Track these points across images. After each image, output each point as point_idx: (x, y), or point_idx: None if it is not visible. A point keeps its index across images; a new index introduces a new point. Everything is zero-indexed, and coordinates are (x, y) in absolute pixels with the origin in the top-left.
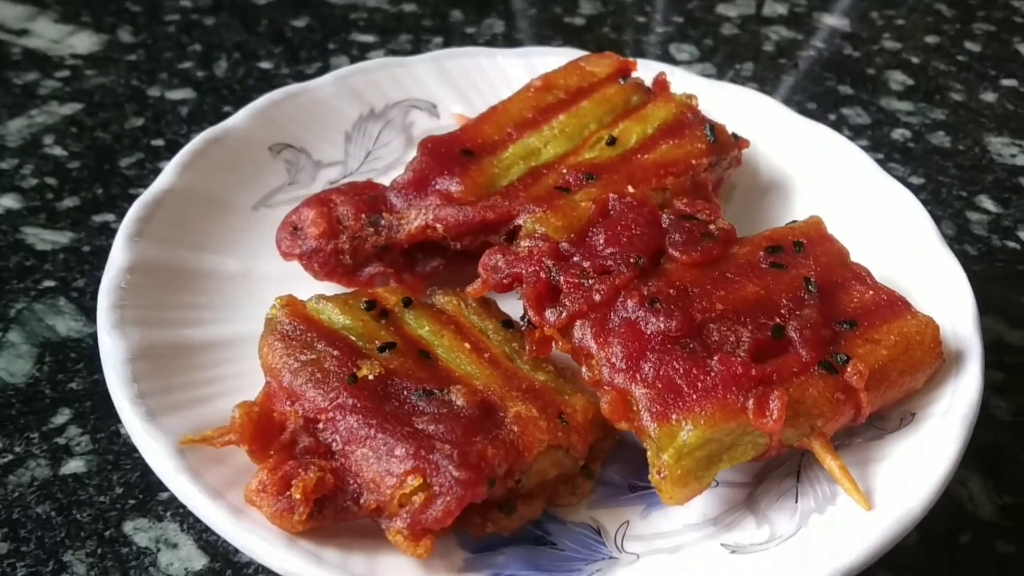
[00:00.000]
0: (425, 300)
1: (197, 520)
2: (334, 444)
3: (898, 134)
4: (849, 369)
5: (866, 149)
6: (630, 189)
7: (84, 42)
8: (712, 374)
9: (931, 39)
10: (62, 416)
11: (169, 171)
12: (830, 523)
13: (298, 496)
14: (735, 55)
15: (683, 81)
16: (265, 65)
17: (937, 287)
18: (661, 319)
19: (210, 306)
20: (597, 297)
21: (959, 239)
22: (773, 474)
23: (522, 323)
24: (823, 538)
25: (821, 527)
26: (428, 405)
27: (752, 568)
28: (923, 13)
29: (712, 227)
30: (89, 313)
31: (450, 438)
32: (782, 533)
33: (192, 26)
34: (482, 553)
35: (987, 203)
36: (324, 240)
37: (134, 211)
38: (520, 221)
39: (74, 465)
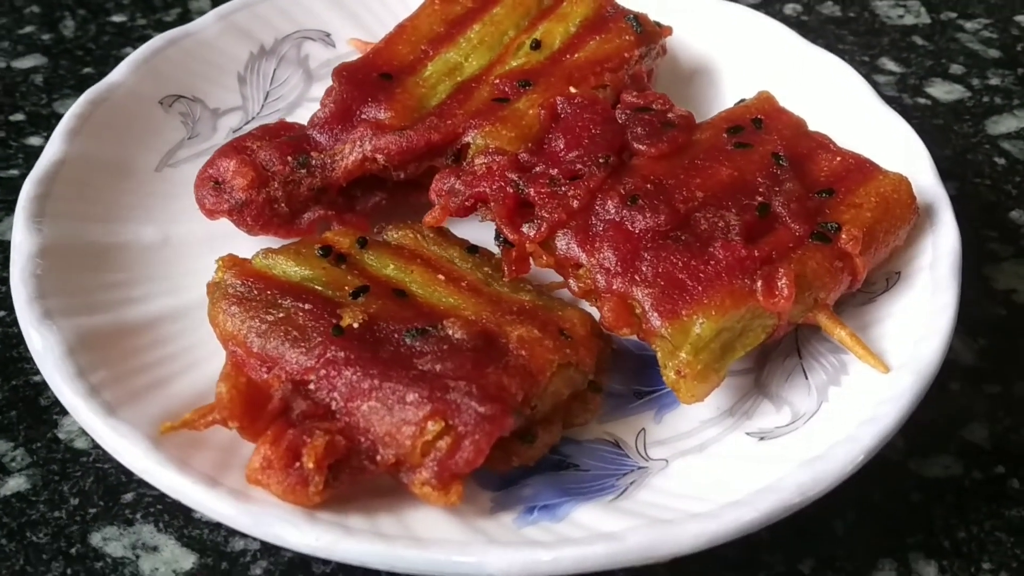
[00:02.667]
0: (377, 239)
1: (174, 517)
2: (333, 403)
3: (790, 9)
4: (844, 235)
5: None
6: (572, 90)
7: None
8: (714, 262)
9: None
10: None
11: (56, 140)
12: (851, 392)
13: (311, 465)
14: None
15: None
16: (117, 18)
17: (889, 145)
18: (648, 215)
19: (137, 281)
20: (575, 203)
21: None
22: (773, 354)
23: (498, 243)
24: (851, 408)
25: (844, 399)
26: (425, 344)
27: (786, 450)
28: None
29: (671, 115)
30: None
31: (462, 374)
32: (805, 411)
33: None
34: (506, 489)
35: (890, 64)
36: (253, 190)
37: (28, 189)
38: (468, 139)
39: (15, 483)
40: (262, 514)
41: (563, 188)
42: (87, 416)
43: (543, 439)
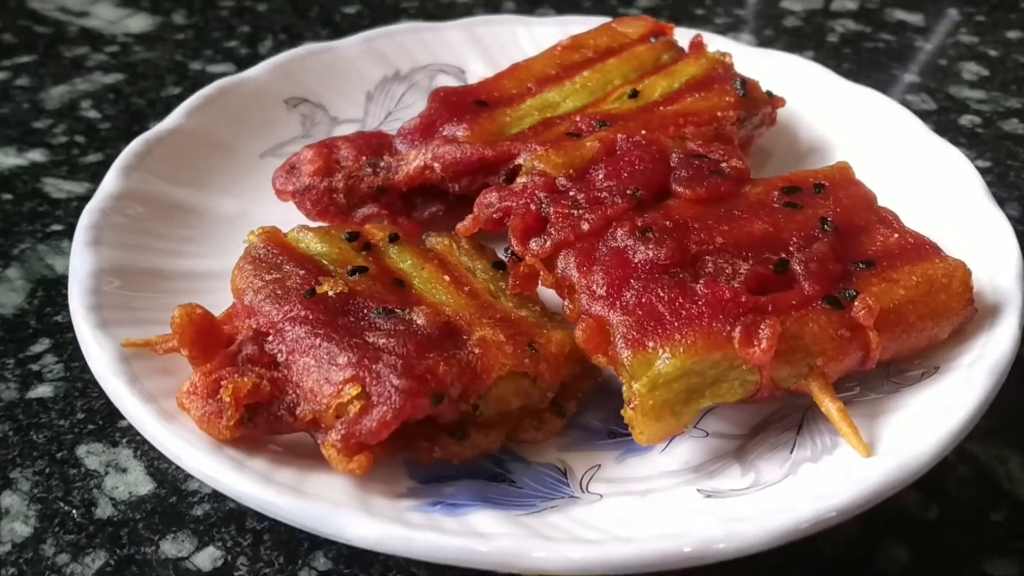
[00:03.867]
0: (418, 241)
1: (151, 447)
2: (279, 356)
3: (966, 120)
4: (857, 304)
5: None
6: (643, 133)
7: (139, 23)
8: (698, 301)
9: (1013, 34)
10: (41, 345)
11: (177, 113)
12: (823, 471)
13: (227, 399)
14: (796, 45)
15: (723, 46)
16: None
17: (980, 239)
18: (651, 247)
19: (197, 240)
20: (585, 226)
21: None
22: (772, 427)
23: (507, 256)
24: (811, 484)
25: (812, 475)
26: (386, 322)
27: (725, 509)
28: (1006, 11)
29: (724, 165)
30: None
31: (400, 351)
32: (767, 480)
33: (244, 11)
34: (430, 483)
35: None
36: (318, 177)
37: (134, 145)
38: (520, 160)
39: (42, 390)
40: (173, 433)
41: (580, 212)
42: (79, 322)
43: (476, 440)
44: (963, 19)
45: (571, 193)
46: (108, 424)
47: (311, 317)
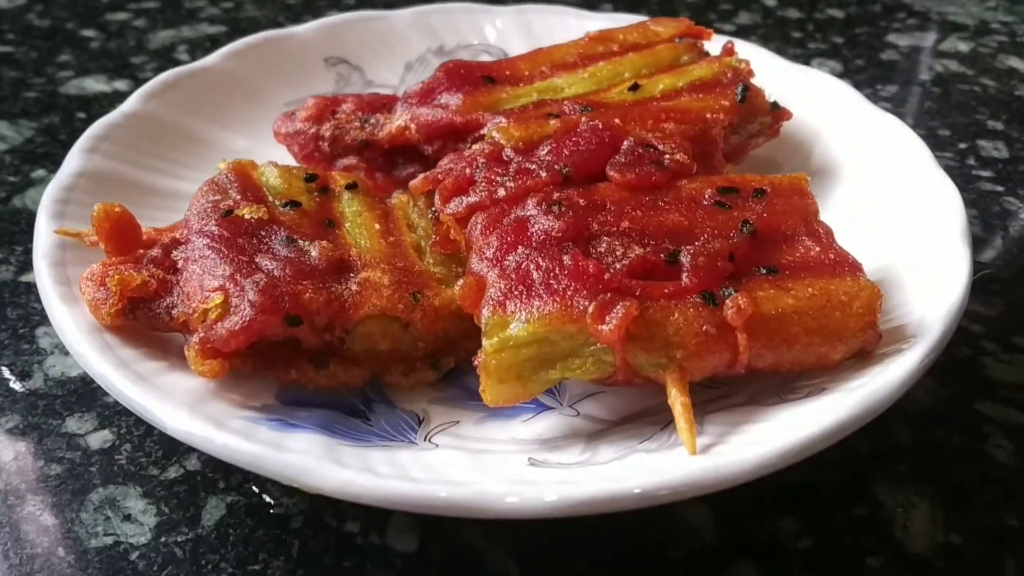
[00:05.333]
0: (380, 199)
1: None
2: (179, 263)
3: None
4: (728, 303)
5: (988, 179)
6: (616, 122)
7: None
8: (564, 273)
9: None
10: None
11: (217, 54)
12: (646, 460)
13: (113, 288)
14: (882, 76)
15: (755, 56)
16: None
17: (941, 270)
18: (548, 219)
19: (194, 167)
20: (501, 192)
21: None
22: (642, 419)
23: (432, 215)
24: (627, 466)
25: (636, 461)
26: (283, 249)
27: (531, 476)
28: None
29: (667, 158)
30: None
31: (275, 273)
32: (597, 460)
33: None
34: (290, 406)
35: None
36: (308, 123)
37: (165, 76)
38: (485, 130)
39: (30, 277)
40: (67, 318)
41: (504, 179)
42: (41, 212)
43: (335, 372)
44: None
45: (511, 165)
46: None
47: (216, 233)
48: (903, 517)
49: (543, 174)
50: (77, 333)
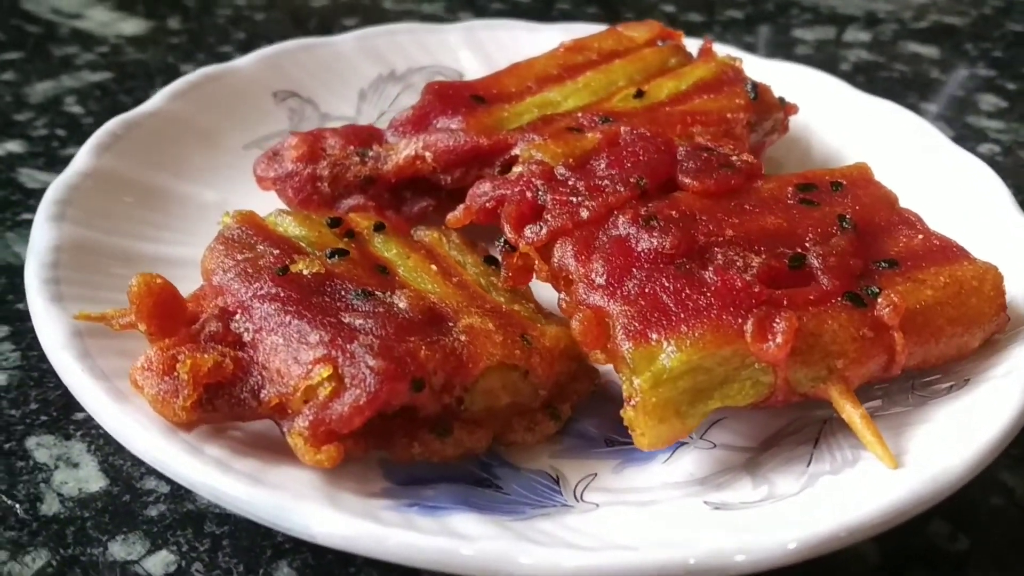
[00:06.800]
0: (406, 235)
1: (107, 442)
2: (245, 334)
3: (985, 148)
4: (881, 301)
5: None
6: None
7: (132, 27)
8: (707, 291)
9: None
10: None
11: (158, 97)
12: (844, 484)
13: (185, 376)
14: None
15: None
16: None
17: (1008, 248)
18: (655, 235)
19: (171, 227)
20: (584, 214)
21: None
22: (786, 441)
23: (500, 247)
24: (830, 495)
25: (831, 489)
26: (364, 304)
27: (734, 523)
28: (1021, 47)
29: (735, 159)
30: None
31: (378, 332)
32: (782, 492)
33: (241, 19)
34: (408, 486)
35: None
36: (302, 163)
37: (109, 125)
38: (517, 151)
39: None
40: (125, 414)
41: (580, 199)
42: (32, 296)
43: (460, 439)
44: (979, 54)
45: (570, 182)
46: (62, 416)
47: (282, 294)
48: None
49: (621, 189)
50: (152, 437)
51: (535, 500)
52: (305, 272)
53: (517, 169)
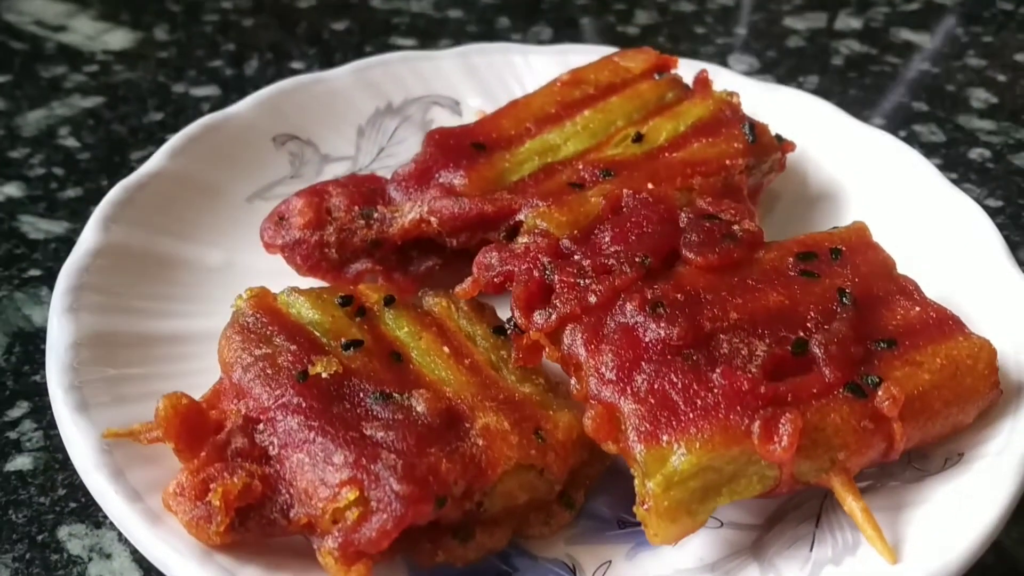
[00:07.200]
0: (414, 302)
1: None
2: (271, 448)
3: (976, 153)
4: (880, 393)
5: (939, 168)
6: (650, 187)
7: (119, 39)
8: (714, 390)
9: (1021, 57)
10: (19, 409)
11: (159, 155)
12: (840, 572)
13: (217, 503)
14: (800, 68)
15: (730, 83)
16: (297, 65)
17: (1002, 309)
18: (662, 325)
19: (182, 298)
20: (592, 299)
21: None
22: (789, 516)
23: (509, 327)
24: None
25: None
26: (384, 410)
27: None
28: (1013, 31)
29: (736, 228)
30: None
31: (399, 447)
32: None
33: (229, 26)
34: None
35: None
36: (308, 231)
37: (114, 193)
38: (522, 216)
39: (21, 462)
40: (161, 540)
41: (587, 281)
42: (58, 406)
43: (481, 541)
44: (969, 40)
45: (576, 258)
46: (91, 502)
47: (304, 406)
48: None
49: (627, 270)
50: (189, 564)
51: None
52: (324, 374)
53: (522, 240)
